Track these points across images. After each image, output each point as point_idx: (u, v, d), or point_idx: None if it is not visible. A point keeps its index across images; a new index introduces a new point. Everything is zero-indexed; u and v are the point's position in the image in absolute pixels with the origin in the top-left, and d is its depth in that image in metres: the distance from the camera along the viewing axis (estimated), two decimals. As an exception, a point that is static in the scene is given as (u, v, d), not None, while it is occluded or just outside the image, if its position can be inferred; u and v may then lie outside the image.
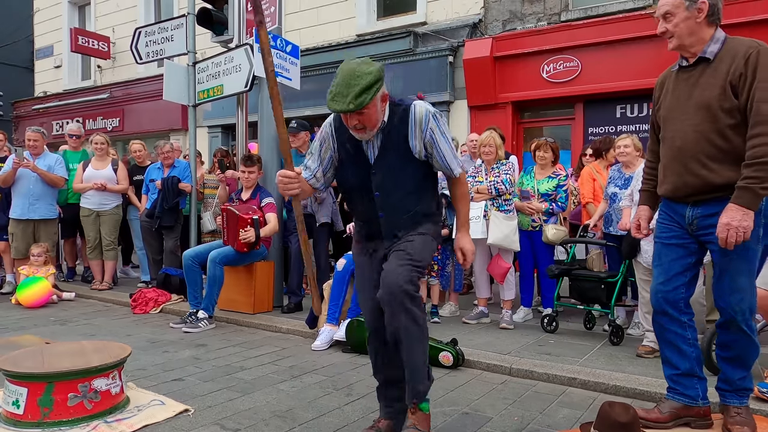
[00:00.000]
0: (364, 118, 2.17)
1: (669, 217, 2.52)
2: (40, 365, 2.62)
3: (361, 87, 2.09)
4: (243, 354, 3.92)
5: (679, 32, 2.34)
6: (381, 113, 2.23)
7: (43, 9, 14.04)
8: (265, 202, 4.87)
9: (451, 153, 2.33)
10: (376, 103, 2.16)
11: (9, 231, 5.93)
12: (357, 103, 2.08)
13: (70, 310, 5.39)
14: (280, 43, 5.19)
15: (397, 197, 2.33)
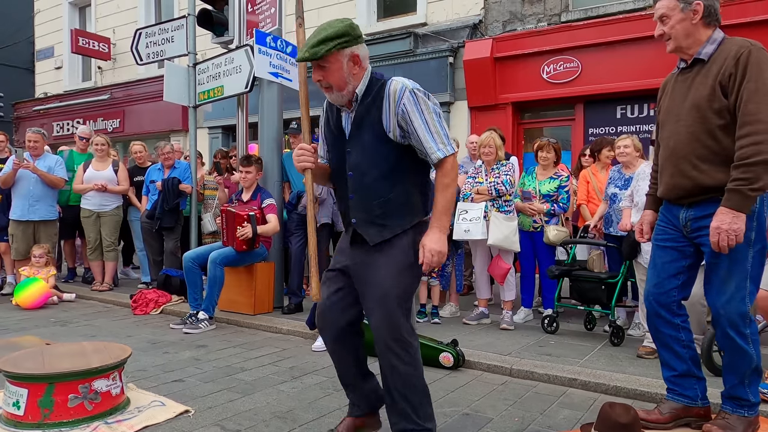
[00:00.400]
0: (326, 74, 2.11)
1: (666, 219, 2.51)
2: (41, 366, 2.61)
3: (320, 38, 2.05)
4: (243, 355, 3.92)
5: (675, 34, 2.35)
6: (349, 75, 2.13)
7: (44, 10, 14.05)
8: (266, 203, 4.87)
9: (428, 133, 2.10)
10: (339, 59, 2.09)
11: (9, 232, 5.93)
12: (312, 51, 2.04)
13: (70, 311, 5.39)
14: (280, 44, 5.18)
15: (370, 179, 2.17)
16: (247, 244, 4.63)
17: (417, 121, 2.09)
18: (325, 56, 2.06)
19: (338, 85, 2.13)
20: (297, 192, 5.16)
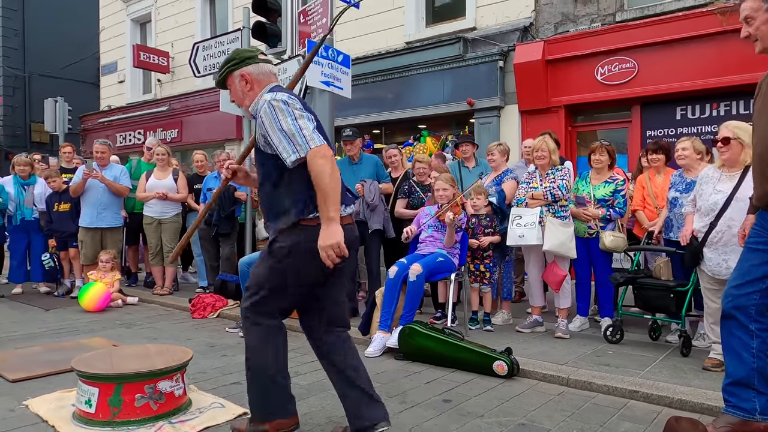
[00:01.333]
0: (231, 94, 2.54)
1: (760, 223, 2.43)
2: (110, 367, 2.75)
3: (221, 66, 2.53)
4: (297, 359, 3.98)
5: (761, 35, 2.28)
6: (244, 93, 2.48)
7: (108, 27, 14.83)
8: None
9: (283, 139, 2.22)
10: (233, 82, 2.49)
11: (78, 238, 6.26)
12: (217, 80, 2.55)
13: (134, 314, 5.64)
14: (331, 53, 5.27)
15: (261, 185, 2.46)
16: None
17: (271, 131, 2.26)
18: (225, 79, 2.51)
19: (239, 102, 2.54)
20: (349, 198, 5.22)
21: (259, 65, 2.48)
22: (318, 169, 2.19)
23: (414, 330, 3.88)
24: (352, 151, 5.21)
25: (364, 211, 4.97)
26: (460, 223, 4.53)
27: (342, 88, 5.42)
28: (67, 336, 4.68)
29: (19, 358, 3.83)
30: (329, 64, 5.27)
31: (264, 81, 2.47)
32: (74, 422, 2.69)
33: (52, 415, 2.77)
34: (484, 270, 4.81)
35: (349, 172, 5.28)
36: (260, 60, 2.50)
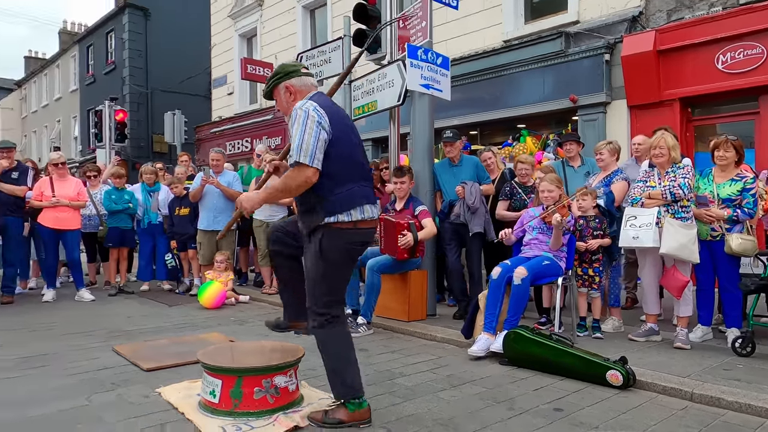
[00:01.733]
0: (277, 105, 2.89)
1: None
2: (231, 361, 2.94)
3: (267, 79, 2.86)
4: (401, 360, 4.03)
5: None
6: (288, 101, 2.80)
7: (218, 44, 15.91)
8: (419, 210, 4.99)
9: (294, 140, 2.57)
10: (279, 93, 2.84)
11: (197, 240, 6.76)
12: (265, 94, 2.89)
13: (246, 312, 5.99)
14: (431, 56, 5.29)
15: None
16: (408, 251, 4.77)
17: (294, 133, 2.59)
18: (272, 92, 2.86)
19: (283, 111, 2.87)
20: (449, 201, 5.20)
21: (301, 78, 2.81)
22: (290, 178, 2.59)
23: (520, 335, 3.78)
24: (452, 152, 5.19)
25: (464, 214, 4.93)
26: (568, 225, 4.36)
27: (441, 90, 5.42)
28: (188, 330, 5.07)
29: (150, 349, 4.20)
30: (429, 67, 5.28)
31: (305, 92, 2.79)
32: (200, 410, 2.89)
33: (181, 402, 3.01)
34: (592, 274, 4.59)
35: (449, 174, 5.27)
36: (303, 73, 2.83)
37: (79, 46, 25.04)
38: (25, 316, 5.69)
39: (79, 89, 24.78)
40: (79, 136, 24.76)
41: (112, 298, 6.87)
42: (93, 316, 5.74)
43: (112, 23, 22.36)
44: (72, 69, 25.71)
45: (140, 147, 20.64)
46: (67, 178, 6.78)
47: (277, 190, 2.67)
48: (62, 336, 4.75)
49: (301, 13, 12.99)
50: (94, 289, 7.24)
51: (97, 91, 22.16)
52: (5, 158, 6.47)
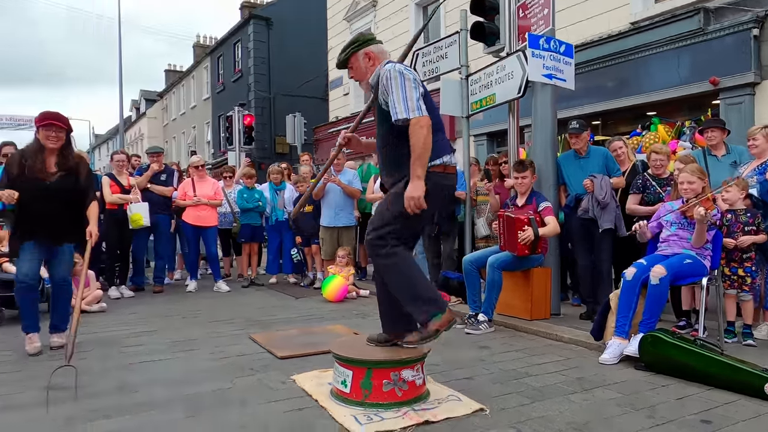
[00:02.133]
0: (352, 72, 3.08)
1: None
2: (361, 353, 3.03)
3: (342, 49, 3.05)
4: (526, 360, 3.92)
5: None
6: (367, 68, 3.02)
7: (335, 46, 16.49)
8: (543, 206, 4.81)
9: (392, 102, 2.78)
10: (355, 60, 3.03)
11: (320, 236, 7.09)
12: (338, 62, 3.11)
13: (367, 306, 6.16)
14: (553, 44, 5.07)
15: (380, 142, 3.06)
16: (528, 247, 4.64)
17: (390, 93, 2.80)
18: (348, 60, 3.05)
19: (360, 78, 3.08)
20: (575, 195, 4.95)
21: (377, 45, 3.05)
22: (416, 135, 2.74)
23: (659, 338, 3.51)
24: (579, 144, 4.94)
25: (593, 209, 4.67)
26: (714, 219, 3.97)
27: (565, 80, 5.19)
28: (314, 322, 5.33)
29: (282, 339, 4.47)
30: (551, 56, 5.08)
31: (381, 58, 3.02)
32: (332, 399, 3.02)
33: (315, 390, 3.17)
34: (743, 274, 4.15)
35: (575, 167, 5.02)
36: (378, 42, 3.07)
37: (210, 57, 27.28)
38: (174, 304, 6.32)
39: (211, 97, 27.00)
40: (211, 141, 26.99)
41: (244, 289, 7.41)
42: (230, 305, 6.24)
43: (238, 34, 24.08)
44: (205, 79, 28.08)
45: (264, 148, 22.03)
46: (206, 179, 7.42)
47: (420, 156, 2.75)
48: (206, 323, 5.22)
49: (414, 10, 13.09)
50: (228, 281, 7.85)
51: (227, 99, 24.01)
52: (155, 162, 7.23)
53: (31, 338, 4.11)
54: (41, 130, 3.99)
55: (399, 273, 2.89)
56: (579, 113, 8.41)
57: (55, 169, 4.03)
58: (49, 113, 4.06)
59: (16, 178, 3.96)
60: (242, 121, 13.44)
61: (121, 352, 4.13)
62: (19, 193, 3.90)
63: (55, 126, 3.99)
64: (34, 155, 4.00)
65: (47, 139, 3.98)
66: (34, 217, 3.98)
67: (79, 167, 4.15)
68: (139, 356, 4.04)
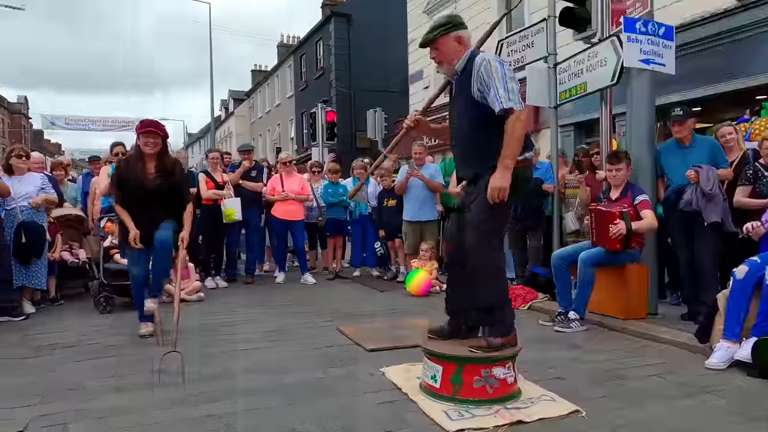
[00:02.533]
0: (438, 54, 2.99)
1: None
2: (450, 348, 3.02)
3: (432, 26, 2.97)
4: (622, 361, 3.74)
5: None
6: (455, 52, 2.95)
7: (415, 39, 16.45)
8: (639, 199, 4.55)
9: (494, 92, 2.76)
10: (445, 41, 2.94)
11: (402, 230, 7.12)
12: (426, 39, 2.97)
13: (451, 300, 6.11)
14: (651, 27, 4.76)
15: (463, 130, 3.01)
16: (621, 243, 4.41)
17: (491, 83, 2.78)
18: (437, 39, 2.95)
19: (446, 61, 2.99)
20: (676, 187, 4.64)
21: (467, 30, 3.00)
22: (514, 128, 2.77)
23: None
24: (682, 132, 4.61)
25: (698, 201, 4.35)
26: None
27: (664, 65, 4.87)
28: (399, 316, 5.37)
29: (370, 331, 4.54)
30: (648, 40, 4.78)
31: (469, 44, 3.00)
32: (422, 393, 3.03)
33: (405, 383, 3.19)
34: None
35: (677, 157, 4.70)
36: (466, 27, 3.03)
37: (293, 56, 28.15)
38: (265, 295, 6.60)
39: (294, 95, 27.88)
40: (295, 137, 27.88)
41: (329, 282, 7.61)
42: (317, 297, 6.43)
43: (320, 32, 24.66)
44: (288, 77, 29.04)
45: (345, 143, 22.45)
46: (293, 175, 7.68)
47: (513, 148, 2.79)
48: (296, 314, 5.41)
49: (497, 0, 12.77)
50: (313, 273, 8.07)
51: (309, 96, 24.70)
52: (246, 159, 7.57)
53: (146, 325, 4.50)
54: (141, 137, 4.34)
55: (492, 278, 2.96)
56: (678, 99, 7.86)
57: (154, 173, 4.33)
58: (147, 121, 4.44)
59: (122, 181, 4.38)
60: (325, 117, 13.77)
61: (220, 340, 4.38)
62: (124, 195, 4.35)
63: (153, 133, 4.33)
64: (135, 161, 4.38)
65: (146, 145, 4.32)
66: (137, 216, 4.33)
67: (175, 170, 4.45)
68: (236, 344, 4.26)
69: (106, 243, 5.87)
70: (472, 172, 3.02)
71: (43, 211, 5.74)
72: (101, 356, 3.97)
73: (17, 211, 5.48)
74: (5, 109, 46.46)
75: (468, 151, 3.04)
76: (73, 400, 3.04)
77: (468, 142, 3.01)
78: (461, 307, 3.14)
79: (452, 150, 3.21)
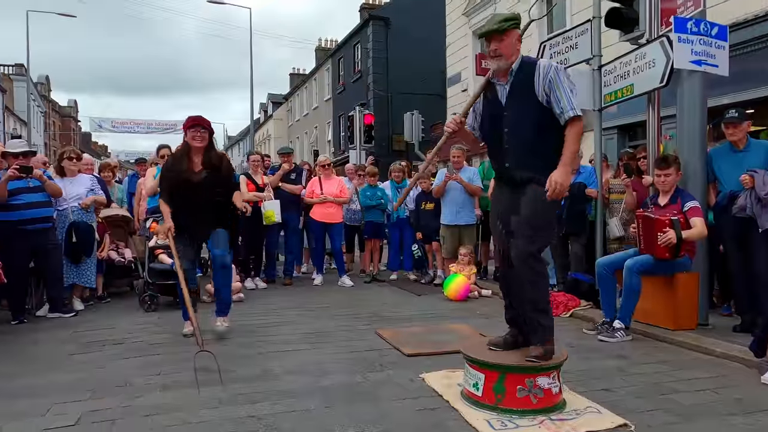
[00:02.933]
0: (502, 46, 2.95)
1: None
2: (493, 356, 2.97)
3: (503, 17, 2.99)
4: (671, 374, 3.60)
5: None
6: (515, 49, 2.98)
7: (453, 42, 16.38)
8: (689, 206, 4.39)
9: (563, 98, 2.85)
10: (511, 36, 2.96)
11: (440, 234, 7.07)
12: (496, 27, 2.95)
13: (490, 306, 6.03)
14: (704, 27, 4.59)
15: (522, 132, 2.98)
16: (670, 251, 4.26)
17: (559, 90, 2.86)
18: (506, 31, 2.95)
19: (508, 55, 2.97)
20: (729, 192, 4.45)
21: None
22: (576, 133, 2.90)
23: None
24: (737, 135, 4.42)
25: (753, 207, 4.16)
26: None
27: (717, 66, 4.70)
28: (436, 320, 5.32)
29: (408, 336, 4.51)
30: (701, 40, 4.62)
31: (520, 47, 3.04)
32: (463, 401, 2.99)
33: (445, 390, 3.15)
34: None
35: (731, 162, 4.51)
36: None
37: (331, 59, 28.40)
38: (303, 297, 6.65)
39: (331, 98, 28.11)
40: (332, 140, 28.10)
41: (367, 285, 7.61)
42: (355, 300, 6.44)
43: (358, 36, 24.80)
44: (326, 81, 29.30)
45: (381, 146, 22.47)
46: (332, 178, 7.72)
47: (575, 152, 2.96)
48: (334, 316, 5.43)
49: (538, 1, 12.56)
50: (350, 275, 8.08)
51: (347, 99, 24.85)
52: (286, 162, 7.65)
53: (189, 324, 4.50)
54: (188, 131, 4.44)
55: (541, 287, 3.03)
56: (729, 102, 7.57)
57: (201, 167, 4.42)
58: (194, 117, 4.53)
59: (169, 177, 4.47)
60: (362, 120, 13.82)
61: (259, 341, 4.43)
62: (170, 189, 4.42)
63: (200, 127, 4.42)
64: (182, 155, 4.48)
65: (193, 139, 4.41)
66: (185, 211, 4.41)
67: (222, 164, 4.54)
68: (275, 345, 4.30)
69: (151, 243, 6.03)
70: (529, 174, 2.96)
71: (92, 211, 5.95)
72: (147, 354, 4.07)
73: (68, 212, 5.69)
74: (56, 113, 48.46)
75: (515, 151, 3.02)
76: (121, 397, 3.13)
77: (531, 143, 2.97)
78: (519, 313, 3.13)
79: (499, 151, 3.11)
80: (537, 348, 2.91)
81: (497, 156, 3.17)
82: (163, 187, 4.53)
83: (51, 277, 5.45)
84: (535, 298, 2.98)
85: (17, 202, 5.13)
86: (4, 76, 35.03)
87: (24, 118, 33.03)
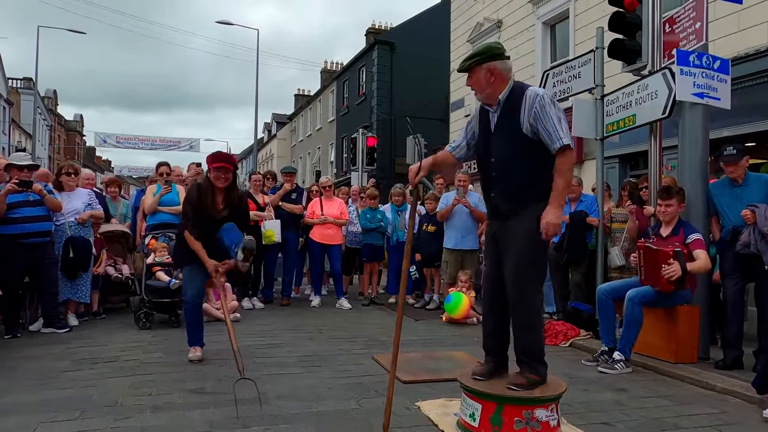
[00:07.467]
0: (472, 82, 2.97)
1: None
2: (490, 386, 2.91)
3: (468, 56, 2.96)
4: (673, 409, 3.53)
5: None
6: (488, 83, 2.90)
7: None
8: (692, 238, 4.36)
9: (550, 129, 2.76)
10: (477, 72, 2.90)
11: (443, 259, 7.02)
12: (460, 66, 3.00)
13: (488, 333, 5.96)
14: (706, 60, 4.63)
15: (509, 162, 2.91)
16: (674, 283, 4.22)
17: (545, 121, 2.77)
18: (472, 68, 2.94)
19: (479, 89, 2.96)
20: (732, 227, 4.42)
21: (504, 62, 2.92)
22: (567, 164, 2.81)
23: None
24: (736, 172, 4.41)
25: (757, 243, 4.12)
26: None
27: (719, 99, 4.72)
28: (434, 346, 5.24)
29: (405, 362, 4.42)
30: (703, 73, 4.65)
31: (506, 76, 2.92)
32: (459, 430, 2.92)
33: (441, 419, 3.09)
34: None
35: (730, 196, 4.50)
36: (506, 57, 2.95)
37: (336, 82, 28.68)
38: (300, 318, 6.58)
39: (335, 119, 28.31)
40: (334, 161, 28.22)
41: (365, 308, 7.54)
42: (353, 323, 6.37)
43: (363, 59, 25.08)
44: (330, 102, 29.55)
45: (383, 169, 22.56)
46: (333, 199, 7.71)
47: (568, 185, 2.89)
48: (330, 339, 5.36)
49: (541, 29, 12.74)
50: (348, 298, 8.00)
51: (350, 121, 25.03)
52: (288, 181, 7.66)
53: (195, 349, 4.44)
54: (213, 170, 4.26)
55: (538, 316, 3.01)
56: (730, 134, 7.60)
57: (222, 206, 4.33)
58: (220, 155, 4.34)
59: (194, 210, 4.25)
60: (365, 142, 13.90)
61: (254, 363, 4.35)
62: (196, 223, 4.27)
63: (225, 169, 4.25)
64: (206, 193, 4.28)
65: (217, 180, 4.24)
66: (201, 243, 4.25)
67: (241, 203, 4.46)
68: (269, 368, 4.23)
69: (149, 260, 5.99)
70: (515, 206, 2.89)
71: (89, 226, 5.92)
72: (139, 373, 4.01)
73: (66, 227, 5.67)
74: (62, 127, 48.84)
75: (516, 184, 2.90)
76: (109, 418, 3.06)
77: (516, 174, 2.90)
78: (500, 342, 3.07)
79: (486, 179, 3.04)
80: (519, 377, 2.86)
81: (484, 184, 3.09)
82: (188, 216, 4.30)
83: (46, 292, 5.40)
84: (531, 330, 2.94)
85: (16, 215, 5.12)
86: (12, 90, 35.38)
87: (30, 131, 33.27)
